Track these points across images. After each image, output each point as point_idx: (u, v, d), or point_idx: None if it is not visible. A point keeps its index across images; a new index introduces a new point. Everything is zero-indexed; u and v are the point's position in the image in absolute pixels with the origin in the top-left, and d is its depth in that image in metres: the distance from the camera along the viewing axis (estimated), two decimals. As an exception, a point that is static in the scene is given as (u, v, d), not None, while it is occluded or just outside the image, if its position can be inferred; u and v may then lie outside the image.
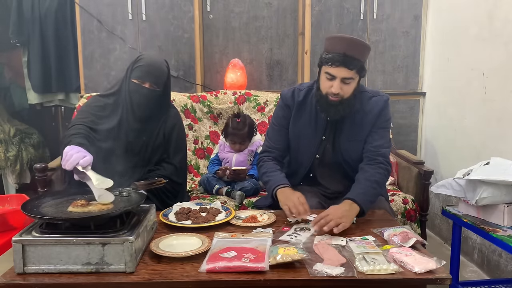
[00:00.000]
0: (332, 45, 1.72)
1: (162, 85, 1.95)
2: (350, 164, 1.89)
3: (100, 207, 1.39)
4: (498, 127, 2.40)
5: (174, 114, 2.09)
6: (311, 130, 1.88)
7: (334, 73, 1.70)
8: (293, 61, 3.21)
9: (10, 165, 3.44)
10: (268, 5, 3.14)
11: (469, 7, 2.68)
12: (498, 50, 2.39)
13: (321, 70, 1.76)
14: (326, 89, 1.75)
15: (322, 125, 1.87)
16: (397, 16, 3.14)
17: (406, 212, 2.27)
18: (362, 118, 1.85)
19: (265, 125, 2.84)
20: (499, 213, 1.79)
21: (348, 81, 1.71)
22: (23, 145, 3.56)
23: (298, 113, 1.90)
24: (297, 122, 1.91)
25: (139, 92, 1.90)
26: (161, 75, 1.94)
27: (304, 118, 1.89)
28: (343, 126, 1.86)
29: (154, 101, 1.94)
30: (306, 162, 1.93)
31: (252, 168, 2.50)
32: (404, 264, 1.29)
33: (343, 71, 1.69)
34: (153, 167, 1.99)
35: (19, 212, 1.31)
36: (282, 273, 1.25)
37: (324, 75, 1.74)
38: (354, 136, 1.86)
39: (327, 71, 1.72)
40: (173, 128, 2.04)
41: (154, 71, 1.91)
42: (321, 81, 1.78)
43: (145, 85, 1.90)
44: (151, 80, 1.90)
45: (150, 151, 1.98)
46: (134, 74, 1.91)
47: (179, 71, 3.12)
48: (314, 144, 1.89)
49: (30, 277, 1.24)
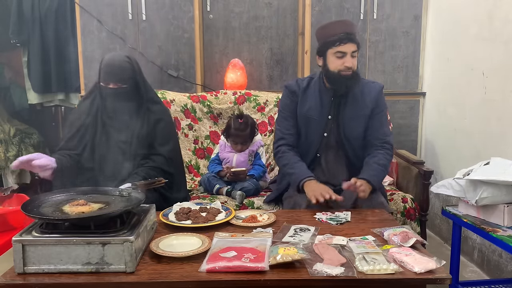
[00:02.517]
0: (332, 30, 1.98)
1: (127, 80, 1.97)
2: (351, 142, 2.09)
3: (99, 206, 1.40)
4: (498, 127, 2.40)
5: (159, 110, 2.11)
6: (318, 111, 2.08)
7: (345, 50, 1.95)
8: (293, 61, 3.21)
9: (10, 165, 3.44)
10: (268, 5, 3.14)
11: (469, 6, 2.68)
12: (498, 50, 2.39)
13: (327, 54, 1.99)
14: (338, 67, 1.97)
15: (327, 106, 2.08)
16: (397, 16, 3.14)
17: (406, 211, 2.27)
18: (361, 98, 2.07)
19: (265, 125, 2.85)
20: (499, 213, 1.79)
21: (354, 54, 1.98)
22: (23, 145, 3.56)
23: (304, 96, 2.11)
24: (304, 105, 2.10)
25: (107, 93, 1.97)
26: (123, 71, 1.97)
27: (310, 101, 2.09)
28: (346, 105, 2.06)
29: (124, 99, 1.98)
30: (316, 141, 2.10)
31: (252, 169, 2.50)
32: (404, 264, 1.29)
33: (350, 46, 1.95)
34: (142, 160, 2.01)
35: (20, 212, 1.31)
36: (282, 273, 1.25)
37: (333, 56, 1.97)
38: (355, 113, 2.07)
39: (338, 50, 1.95)
40: (157, 122, 2.06)
41: (114, 70, 1.95)
42: (330, 63, 1.99)
43: (110, 86, 1.95)
44: (114, 79, 1.95)
45: (133, 146, 2.00)
46: (100, 78, 1.97)
47: (179, 71, 3.12)
48: (322, 124, 2.08)
49: (30, 277, 1.24)
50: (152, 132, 2.04)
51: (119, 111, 1.99)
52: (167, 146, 2.08)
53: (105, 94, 1.98)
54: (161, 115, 2.10)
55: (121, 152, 1.98)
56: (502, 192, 1.77)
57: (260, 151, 2.56)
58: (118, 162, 1.94)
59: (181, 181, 2.22)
